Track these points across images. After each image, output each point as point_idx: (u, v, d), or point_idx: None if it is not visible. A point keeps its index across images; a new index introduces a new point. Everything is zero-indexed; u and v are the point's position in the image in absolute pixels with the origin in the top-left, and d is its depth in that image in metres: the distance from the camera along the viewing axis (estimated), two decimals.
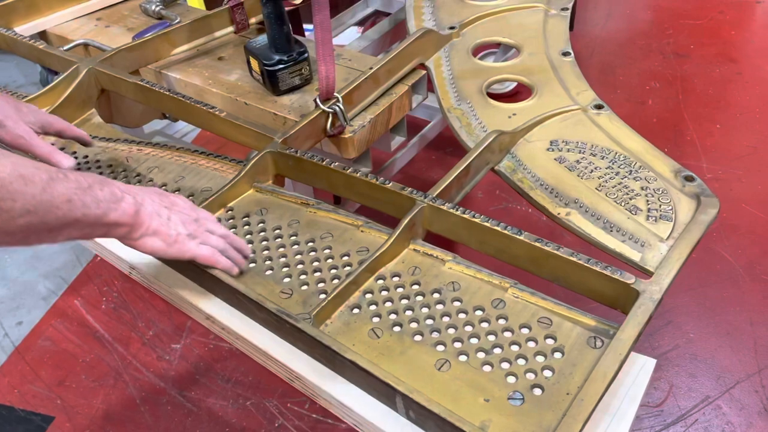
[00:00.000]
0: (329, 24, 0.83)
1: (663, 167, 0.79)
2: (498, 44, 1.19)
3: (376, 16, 1.73)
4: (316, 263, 0.69)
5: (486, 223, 0.67)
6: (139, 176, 0.83)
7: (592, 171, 0.79)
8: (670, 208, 0.73)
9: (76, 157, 0.87)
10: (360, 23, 1.78)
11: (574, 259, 0.63)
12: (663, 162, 0.79)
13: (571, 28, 2.10)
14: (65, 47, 1.12)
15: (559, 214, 0.74)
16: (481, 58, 1.33)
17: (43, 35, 1.23)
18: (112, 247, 0.76)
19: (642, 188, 0.76)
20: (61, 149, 0.89)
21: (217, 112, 0.85)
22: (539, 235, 0.65)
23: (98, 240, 0.76)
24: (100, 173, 0.84)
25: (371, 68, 0.91)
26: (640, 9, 2.35)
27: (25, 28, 1.19)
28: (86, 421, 1.21)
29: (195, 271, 0.68)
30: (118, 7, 1.27)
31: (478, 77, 0.96)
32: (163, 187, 0.81)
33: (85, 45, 1.16)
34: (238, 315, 0.67)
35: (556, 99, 0.90)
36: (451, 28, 1.05)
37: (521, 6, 1.11)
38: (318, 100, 0.84)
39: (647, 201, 0.74)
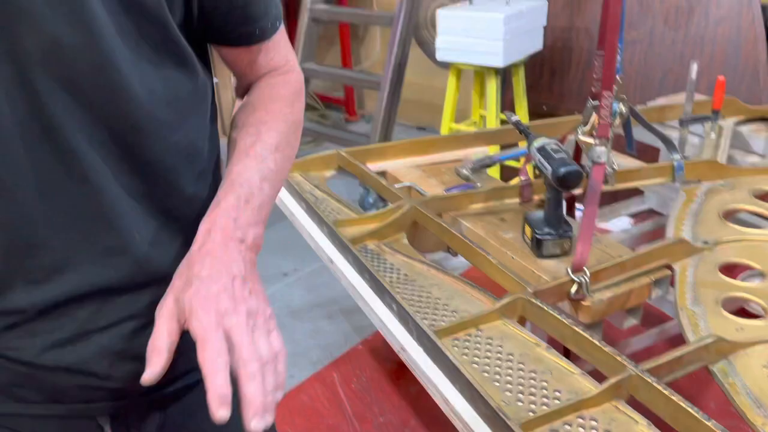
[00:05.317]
0: (594, 216, 1.07)
1: None
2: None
3: (649, 213, 1.90)
4: (532, 389, 0.89)
5: (681, 403, 0.80)
6: (422, 287, 1.13)
7: None
8: None
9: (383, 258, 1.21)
10: (632, 215, 1.96)
11: None
12: None
13: None
14: (397, 185, 1.53)
15: (755, 422, 0.83)
16: (744, 279, 1.42)
17: (382, 173, 1.68)
18: (391, 326, 1.05)
19: None
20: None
21: (490, 258, 1.13)
22: None
23: (382, 317, 1.06)
24: (398, 278, 1.16)
25: (621, 256, 1.11)
26: None
27: (373, 166, 1.65)
28: None
29: (448, 367, 0.93)
30: (438, 165, 1.67)
31: (717, 289, 1.09)
32: (437, 301, 1.09)
33: (410, 187, 1.57)
34: (468, 408, 0.88)
35: None
36: (705, 242, 1.20)
37: None
38: (570, 270, 1.06)
39: None
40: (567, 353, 1.19)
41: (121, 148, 0.65)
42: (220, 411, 0.53)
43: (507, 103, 2.57)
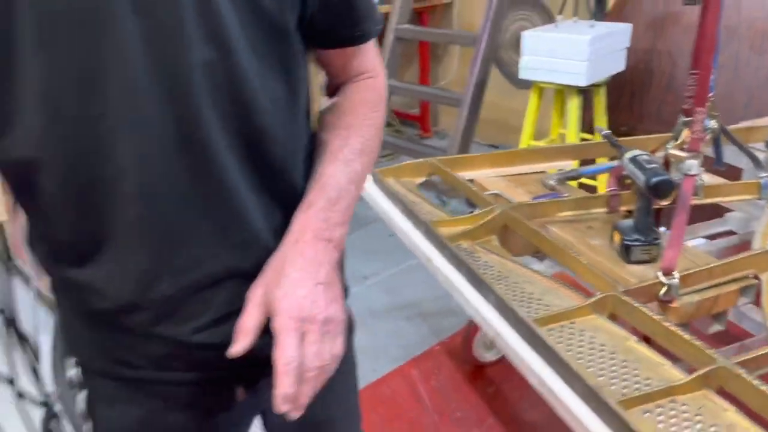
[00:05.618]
0: (684, 224, 1.14)
1: None
2: None
3: (728, 234, 1.92)
4: (624, 376, 0.96)
5: None
6: (516, 283, 1.22)
7: None
8: None
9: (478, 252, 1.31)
10: (711, 237, 1.98)
11: None
12: None
13: None
14: (485, 193, 1.63)
15: None
16: None
17: (470, 181, 1.78)
18: (488, 315, 1.14)
19: None
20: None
21: (581, 259, 1.21)
22: None
23: (479, 308, 1.15)
24: (492, 274, 1.25)
25: (709, 264, 1.17)
26: None
27: (461, 175, 1.75)
28: None
29: (545, 351, 1.01)
30: (524, 176, 1.76)
31: None
32: (530, 295, 1.17)
33: (497, 195, 1.66)
34: (564, 388, 0.96)
35: None
36: None
37: None
38: (660, 273, 1.13)
39: None
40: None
41: (249, 153, 0.74)
42: (283, 407, 0.66)
43: (586, 122, 2.63)
